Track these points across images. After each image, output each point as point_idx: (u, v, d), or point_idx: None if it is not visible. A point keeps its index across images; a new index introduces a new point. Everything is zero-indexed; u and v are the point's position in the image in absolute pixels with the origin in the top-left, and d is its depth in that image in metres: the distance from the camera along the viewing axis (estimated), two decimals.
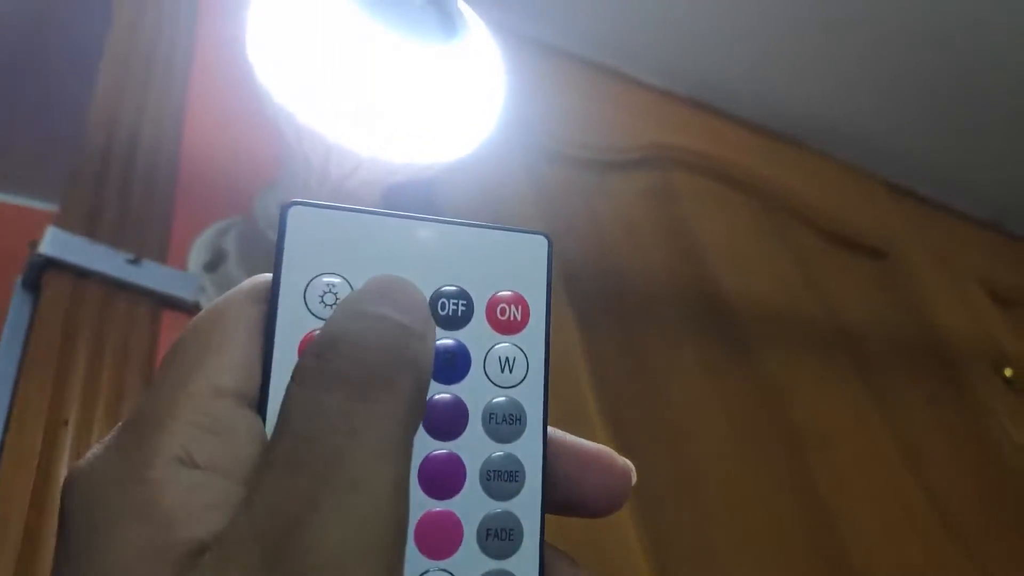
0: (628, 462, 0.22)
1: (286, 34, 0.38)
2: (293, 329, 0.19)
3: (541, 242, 0.22)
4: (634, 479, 0.22)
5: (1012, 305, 1.10)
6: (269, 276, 0.20)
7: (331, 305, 0.20)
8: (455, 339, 0.21)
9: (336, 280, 0.20)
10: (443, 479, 0.20)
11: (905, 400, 0.86)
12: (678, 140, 0.95)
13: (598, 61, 0.97)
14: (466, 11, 0.42)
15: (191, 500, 0.17)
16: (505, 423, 0.21)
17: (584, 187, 0.82)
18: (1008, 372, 0.97)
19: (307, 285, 0.20)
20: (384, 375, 0.18)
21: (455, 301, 0.21)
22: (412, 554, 0.19)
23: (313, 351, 0.18)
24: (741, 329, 0.80)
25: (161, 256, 0.49)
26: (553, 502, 0.21)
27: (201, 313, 0.20)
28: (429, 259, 0.21)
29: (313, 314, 0.20)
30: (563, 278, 0.72)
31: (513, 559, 0.20)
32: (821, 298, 0.91)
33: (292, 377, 0.18)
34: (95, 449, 0.18)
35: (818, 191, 1.05)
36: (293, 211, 0.20)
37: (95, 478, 0.18)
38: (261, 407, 0.19)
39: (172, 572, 0.16)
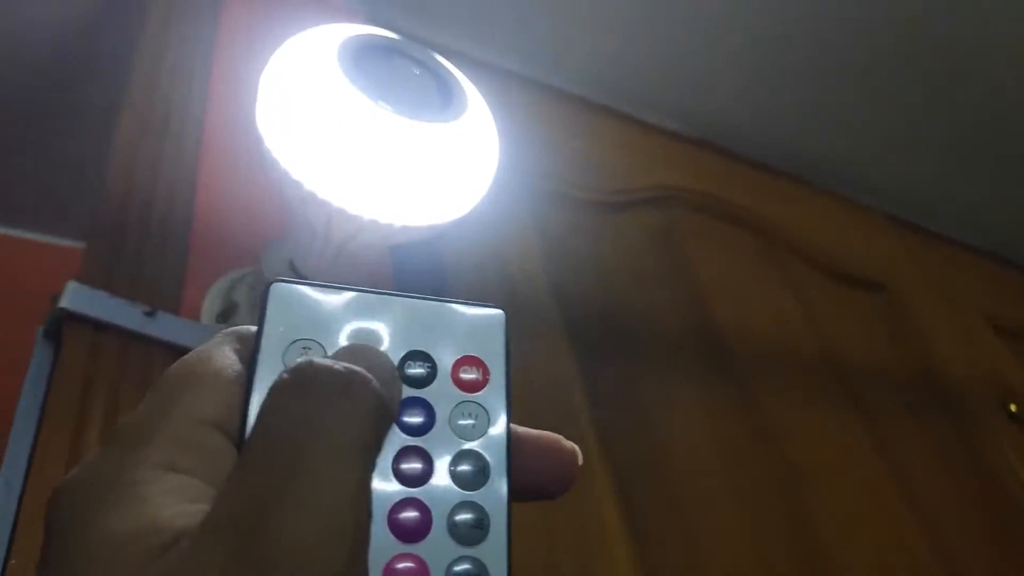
0: (574, 445, 0.24)
1: (292, 107, 0.40)
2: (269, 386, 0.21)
3: (499, 315, 0.25)
4: (580, 460, 0.24)
5: (1017, 338, 1.10)
6: (253, 331, 0.22)
7: None
8: (421, 396, 0.23)
9: (312, 345, 0.22)
10: (410, 525, 0.21)
11: (906, 437, 0.87)
12: (681, 180, 0.97)
13: (601, 103, 1.00)
14: (460, 78, 0.44)
15: (173, 496, 0.19)
16: (470, 473, 0.22)
17: (588, 228, 0.84)
18: (1013, 407, 0.98)
19: (285, 350, 0.22)
20: (348, 389, 0.20)
21: (421, 363, 0.23)
22: None
23: (288, 370, 0.20)
24: (741, 367, 0.82)
25: (175, 308, 0.51)
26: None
27: (188, 356, 0.22)
28: (398, 328, 0.23)
29: None
30: (565, 318, 0.74)
31: None
32: (821, 334, 0.92)
33: (268, 392, 0.20)
34: (79, 466, 0.20)
35: (820, 227, 1.06)
36: (274, 288, 0.23)
37: (81, 484, 0.19)
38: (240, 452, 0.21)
39: (151, 558, 0.18)
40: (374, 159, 0.39)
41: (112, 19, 0.81)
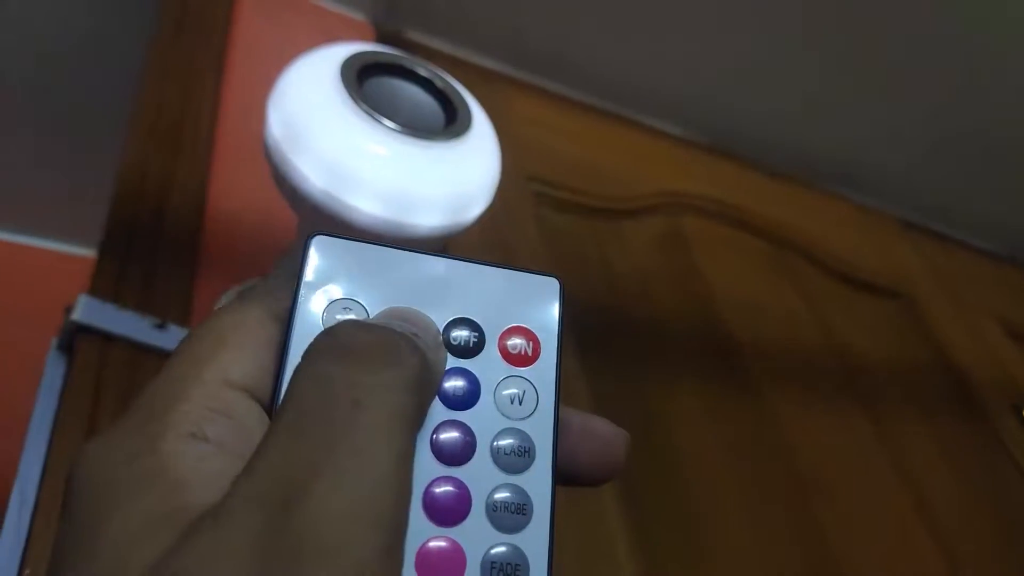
0: (624, 431, 0.23)
1: (299, 124, 0.41)
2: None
3: (553, 284, 0.23)
4: (628, 447, 0.23)
5: None
6: (287, 291, 0.21)
7: None
8: (466, 367, 0.21)
9: (353, 306, 0.21)
10: (448, 506, 0.19)
11: (917, 443, 0.86)
12: (690, 186, 0.97)
13: (608, 109, 1.00)
14: (464, 94, 0.44)
15: (201, 469, 0.17)
16: (514, 454, 0.21)
17: (596, 235, 0.85)
18: None
19: (324, 309, 0.21)
20: (391, 354, 0.18)
21: (468, 332, 0.22)
22: None
23: (325, 332, 0.19)
24: (751, 375, 0.82)
25: (185, 319, 0.52)
26: None
27: (216, 314, 0.20)
28: (444, 292, 0.22)
29: None
30: (573, 324, 0.74)
31: None
32: (833, 341, 0.92)
33: (303, 356, 0.19)
34: (102, 433, 0.18)
35: (831, 232, 1.06)
36: (316, 240, 0.21)
37: (104, 454, 0.18)
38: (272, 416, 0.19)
39: (174, 542, 0.16)
40: (379, 176, 0.40)
41: (125, 30, 0.82)
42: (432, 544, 0.19)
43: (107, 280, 0.51)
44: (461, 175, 0.41)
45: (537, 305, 0.22)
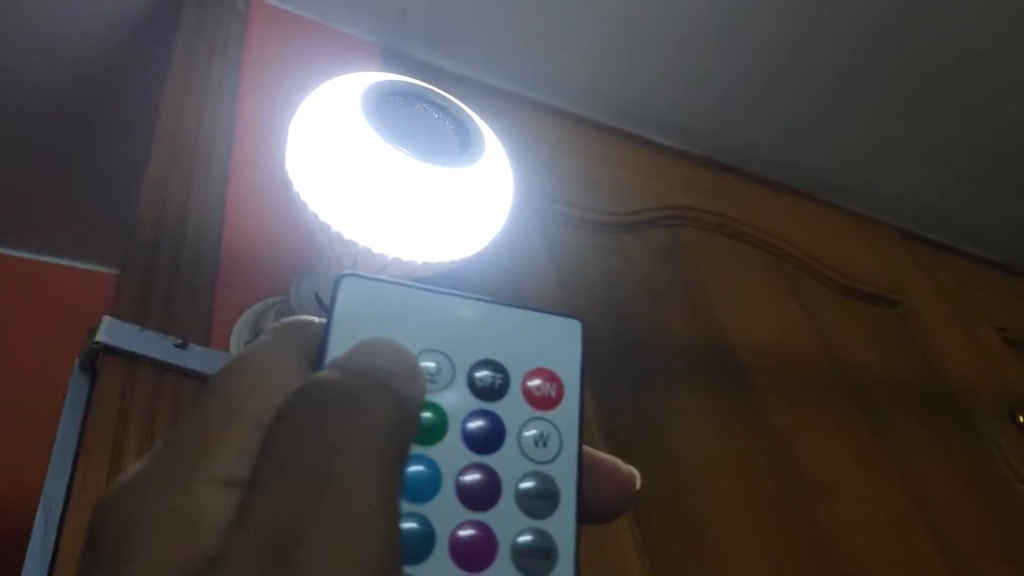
0: (632, 469, 0.23)
1: (319, 153, 0.42)
2: None
3: (575, 326, 0.23)
4: (638, 484, 0.23)
5: None
6: (316, 327, 0.21)
7: None
8: (491, 410, 0.21)
9: None
10: (474, 551, 0.20)
11: (916, 449, 0.88)
12: (689, 199, 0.98)
13: (609, 124, 1.02)
14: (478, 122, 0.46)
15: (225, 514, 0.18)
16: (539, 498, 0.21)
17: (599, 249, 0.86)
18: (1022, 418, 0.98)
19: None
20: (362, 400, 0.19)
21: (492, 374, 0.22)
22: None
23: (295, 392, 0.19)
24: (752, 383, 0.83)
25: (206, 339, 0.53)
26: None
27: (248, 355, 0.20)
28: (469, 333, 0.22)
29: None
30: None
31: None
32: (832, 349, 0.93)
33: (274, 417, 0.19)
34: (131, 471, 0.19)
35: (830, 242, 1.07)
36: (346, 281, 0.22)
37: (132, 493, 0.18)
38: None
39: None
40: (397, 202, 0.41)
41: (141, 57, 0.84)
42: None
43: (129, 301, 0.53)
44: (475, 199, 0.43)
45: (560, 347, 0.23)
